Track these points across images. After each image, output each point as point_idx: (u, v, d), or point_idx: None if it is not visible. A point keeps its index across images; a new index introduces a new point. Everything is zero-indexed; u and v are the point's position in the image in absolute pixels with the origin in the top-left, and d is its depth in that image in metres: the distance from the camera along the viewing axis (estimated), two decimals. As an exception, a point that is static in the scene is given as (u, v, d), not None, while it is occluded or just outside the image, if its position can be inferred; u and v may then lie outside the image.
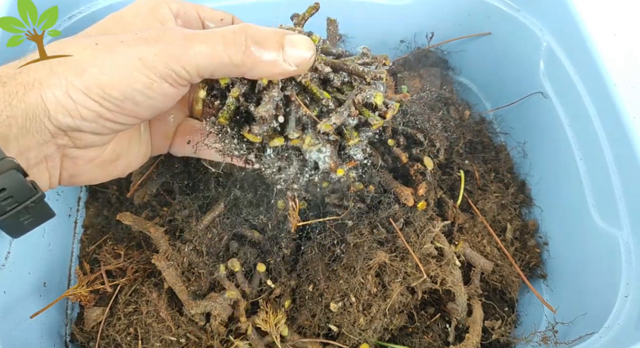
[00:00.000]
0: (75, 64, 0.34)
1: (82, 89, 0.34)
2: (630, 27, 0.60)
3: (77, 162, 0.40)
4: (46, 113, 0.34)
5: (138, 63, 0.34)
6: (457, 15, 0.73)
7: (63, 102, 0.34)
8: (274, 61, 0.36)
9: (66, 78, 0.34)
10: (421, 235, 0.54)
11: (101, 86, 0.34)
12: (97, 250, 0.60)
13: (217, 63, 0.36)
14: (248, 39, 0.36)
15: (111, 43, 0.35)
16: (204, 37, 0.35)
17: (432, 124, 0.59)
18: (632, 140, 0.52)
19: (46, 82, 0.33)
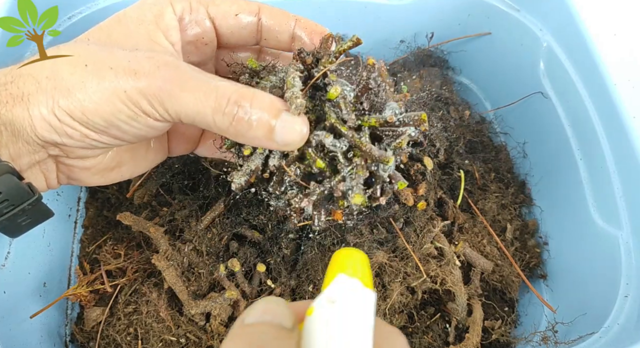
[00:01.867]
0: (63, 84, 0.33)
1: (66, 111, 0.33)
2: (630, 27, 0.60)
3: (73, 169, 0.40)
4: (32, 128, 0.33)
5: (123, 95, 0.33)
6: (457, 15, 0.73)
7: (48, 119, 0.33)
8: (259, 137, 0.35)
9: (53, 97, 0.33)
10: (421, 235, 0.54)
11: (85, 112, 0.34)
12: (97, 250, 0.60)
13: (201, 120, 0.34)
14: (240, 111, 0.34)
15: (101, 68, 0.34)
16: (196, 90, 0.34)
17: (432, 124, 0.59)
18: (632, 140, 0.52)
19: (34, 98, 0.33)
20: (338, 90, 0.37)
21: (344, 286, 0.23)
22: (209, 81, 0.34)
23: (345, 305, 0.22)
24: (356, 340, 0.21)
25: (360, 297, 0.23)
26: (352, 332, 0.21)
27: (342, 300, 0.22)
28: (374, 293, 0.23)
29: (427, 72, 0.75)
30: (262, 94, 0.35)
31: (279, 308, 0.24)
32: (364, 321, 0.22)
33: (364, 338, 0.21)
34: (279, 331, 0.23)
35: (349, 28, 0.73)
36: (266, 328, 0.23)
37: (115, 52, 0.35)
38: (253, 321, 0.24)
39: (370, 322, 0.22)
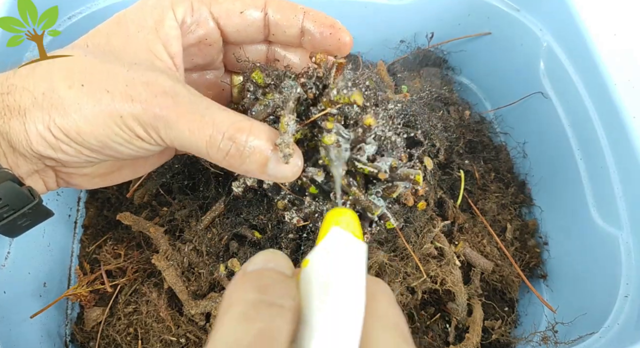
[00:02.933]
0: (59, 102, 0.33)
1: (61, 129, 0.33)
2: (630, 27, 0.60)
3: (72, 175, 0.40)
4: (28, 142, 0.34)
5: (119, 120, 0.33)
6: (457, 15, 0.73)
7: (44, 135, 0.33)
8: (251, 171, 0.35)
9: (49, 114, 0.33)
10: (421, 235, 0.54)
11: (80, 133, 0.33)
12: (97, 250, 0.60)
13: (195, 151, 0.35)
14: (234, 146, 0.34)
15: (98, 89, 0.34)
16: (192, 122, 0.33)
17: (432, 124, 0.59)
18: (632, 140, 0.52)
19: (30, 113, 0.33)
20: (332, 139, 0.38)
21: (337, 238, 0.24)
22: (205, 114, 0.34)
23: (339, 255, 0.24)
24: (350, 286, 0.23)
25: (353, 247, 0.24)
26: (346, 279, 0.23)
27: (336, 250, 0.24)
28: (365, 244, 0.25)
29: (427, 72, 0.75)
30: (259, 128, 0.35)
31: (279, 257, 0.25)
32: (357, 269, 0.23)
33: (357, 285, 0.23)
34: (282, 277, 0.24)
35: (349, 28, 0.72)
36: (270, 272, 0.24)
37: (113, 69, 0.35)
38: (256, 269, 0.25)
39: (362, 270, 0.23)
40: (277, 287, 0.23)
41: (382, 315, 0.23)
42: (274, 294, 0.23)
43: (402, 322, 0.24)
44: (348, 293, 0.22)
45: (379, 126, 0.41)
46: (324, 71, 0.40)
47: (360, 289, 0.23)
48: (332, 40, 0.41)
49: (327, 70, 0.40)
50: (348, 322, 0.22)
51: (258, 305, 0.22)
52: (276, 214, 0.54)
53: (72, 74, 0.34)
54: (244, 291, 0.23)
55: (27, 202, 0.35)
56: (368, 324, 0.22)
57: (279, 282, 0.24)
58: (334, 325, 0.21)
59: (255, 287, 0.23)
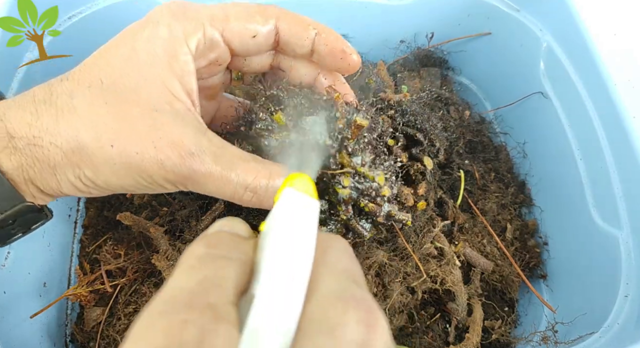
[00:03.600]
0: (89, 160, 0.35)
1: (92, 180, 0.36)
2: (630, 27, 0.60)
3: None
4: (58, 188, 0.36)
5: (149, 178, 0.36)
6: (457, 15, 0.73)
7: (75, 184, 0.36)
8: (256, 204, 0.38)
9: (79, 167, 0.35)
10: (421, 235, 0.54)
11: (109, 184, 0.36)
12: (97, 250, 0.60)
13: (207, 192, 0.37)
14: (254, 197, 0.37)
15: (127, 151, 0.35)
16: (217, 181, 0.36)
17: (432, 124, 0.59)
18: (632, 140, 0.52)
19: (60, 167, 0.35)
20: (347, 192, 0.41)
21: (289, 197, 0.26)
22: (229, 170, 0.36)
23: (291, 211, 0.25)
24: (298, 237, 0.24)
25: (303, 204, 0.26)
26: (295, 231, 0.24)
27: (287, 207, 0.25)
28: (317, 202, 0.26)
29: (427, 72, 0.75)
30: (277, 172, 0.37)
31: (235, 222, 0.28)
32: (306, 223, 0.25)
33: (306, 236, 0.24)
34: (235, 237, 0.26)
35: (349, 28, 0.73)
36: (223, 234, 0.26)
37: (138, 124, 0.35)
38: (212, 231, 0.27)
39: (313, 223, 0.25)
40: (226, 243, 0.25)
41: (332, 263, 0.25)
42: (222, 249, 0.24)
43: (354, 268, 0.25)
44: (295, 243, 0.24)
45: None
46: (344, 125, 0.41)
47: (309, 240, 0.24)
48: (342, 64, 0.42)
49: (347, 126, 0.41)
50: (294, 269, 0.23)
51: (204, 257, 0.23)
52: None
53: (99, 130, 0.35)
54: (194, 248, 0.24)
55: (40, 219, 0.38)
56: (317, 271, 0.24)
57: (229, 240, 0.25)
58: (280, 271, 0.23)
59: (205, 243, 0.24)
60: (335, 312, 0.21)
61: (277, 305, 0.22)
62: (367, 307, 0.22)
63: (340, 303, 0.22)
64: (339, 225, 0.45)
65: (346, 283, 0.23)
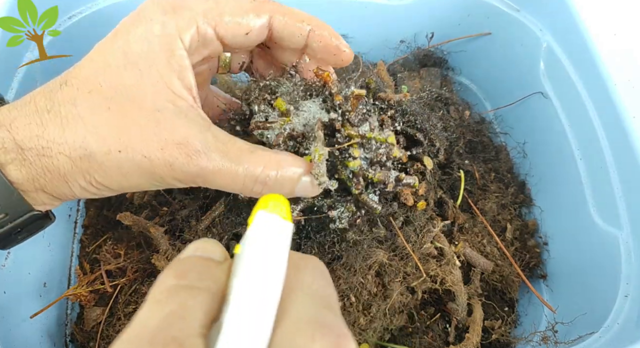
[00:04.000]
0: (99, 166, 0.35)
1: (104, 184, 0.36)
2: (630, 27, 0.60)
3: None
4: (71, 193, 0.37)
5: (159, 180, 0.36)
6: (457, 15, 0.73)
7: (87, 188, 0.36)
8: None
9: (89, 173, 0.35)
10: (421, 235, 0.54)
11: (121, 187, 0.37)
12: (97, 250, 0.60)
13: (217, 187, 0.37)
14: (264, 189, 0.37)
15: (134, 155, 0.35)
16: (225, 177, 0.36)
17: (432, 124, 0.59)
18: (632, 140, 0.52)
19: (70, 175, 0.35)
20: (357, 164, 0.40)
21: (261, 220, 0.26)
22: (238, 164, 0.36)
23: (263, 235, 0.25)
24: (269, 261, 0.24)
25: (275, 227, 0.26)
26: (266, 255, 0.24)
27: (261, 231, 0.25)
28: (290, 224, 0.26)
29: (427, 72, 0.75)
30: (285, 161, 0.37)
31: (210, 245, 0.27)
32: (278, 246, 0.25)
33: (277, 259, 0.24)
34: (207, 262, 0.26)
35: (349, 28, 0.73)
36: (195, 259, 0.26)
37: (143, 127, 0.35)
38: (184, 256, 0.26)
39: (284, 246, 0.25)
40: (196, 271, 0.25)
41: (305, 286, 0.24)
42: (190, 278, 0.24)
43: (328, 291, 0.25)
44: (266, 267, 0.24)
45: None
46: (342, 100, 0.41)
47: (279, 264, 0.24)
48: (335, 59, 0.43)
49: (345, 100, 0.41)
50: (263, 294, 0.23)
51: (171, 290, 0.23)
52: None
53: (106, 139, 0.35)
54: (163, 279, 0.24)
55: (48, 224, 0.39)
56: (288, 294, 0.23)
57: (200, 266, 0.25)
58: (247, 298, 0.22)
59: (173, 274, 0.24)
60: (304, 340, 0.21)
61: (244, 333, 0.21)
62: (337, 333, 0.22)
63: (309, 330, 0.21)
64: (348, 204, 0.45)
65: (318, 308, 0.23)
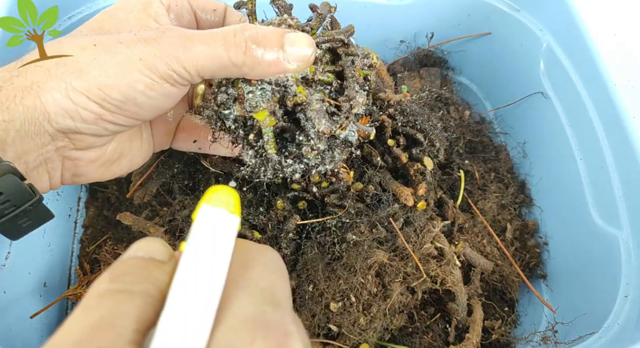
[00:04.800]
0: (74, 65, 0.34)
1: (82, 91, 0.34)
2: (630, 27, 0.60)
3: (78, 163, 0.40)
4: (46, 116, 0.33)
5: (139, 64, 0.34)
6: (457, 15, 0.73)
7: (63, 104, 0.33)
8: (275, 60, 0.36)
9: (65, 80, 0.33)
10: (421, 235, 0.54)
11: (102, 88, 0.34)
12: (97, 250, 0.60)
13: (218, 64, 0.35)
14: (248, 39, 0.35)
15: (110, 44, 0.35)
16: (204, 38, 0.35)
17: (432, 124, 0.59)
18: (632, 140, 0.52)
19: (45, 85, 0.33)
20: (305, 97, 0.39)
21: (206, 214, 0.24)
22: (213, 31, 0.36)
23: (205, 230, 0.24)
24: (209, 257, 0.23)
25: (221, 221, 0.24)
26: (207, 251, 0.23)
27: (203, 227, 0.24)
28: (236, 217, 0.25)
29: (427, 72, 0.75)
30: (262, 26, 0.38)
31: (152, 244, 0.25)
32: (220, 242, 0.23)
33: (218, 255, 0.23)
34: (147, 263, 0.24)
35: (349, 28, 0.73)
36: (133, 261, 0.24)
37: (116, 33, 0.37)
38: (126, 257, 0.25)
39: (227, 241, 0.24)
40: (132, 274, 0.23)
41: (251, 282, 0.23)
42: (125, 281, 0.22)
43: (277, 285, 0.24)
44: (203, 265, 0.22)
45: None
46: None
47: (220, 260, 0.23)
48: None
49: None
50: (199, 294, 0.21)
51: (103, 294, 0.22)
52: (276, 214, 0.54)
53: (81, 41, 0.35)
54: (97, 283, 0.23)
55: (29, 198, 0.35)
56: (231, 292, 0.22)
57: (138, 268, 0.24)
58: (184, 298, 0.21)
59: (108, 277, 0.23)
60: (242, 342, 0.20)
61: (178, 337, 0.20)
62: (281, 332, 0.20)
63: (249, 330, 0.20)
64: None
65: (262, 306, 0.22)
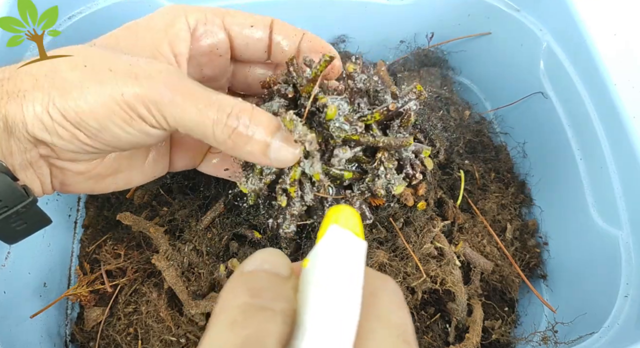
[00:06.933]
0: (61, 82, 0.33)
1: (60, 110, 0.33)
2: (630, 27, 0.60)
3: (66, 172, 0.39)
4: (24, 125, 0.33)
5: (119, 98, 0.33)
6: (457, 15, 0.73)
7: (41, 117, 0.33)
8: (255, 153, 0.35)
9: (49, 94, 0.33)
10: (421, 235, 0.54)
11: (79, 112, 0.33)
12: (97, 250, 0.60)
13: (200, 131, 0.34)
14: (240, 125, 0.34)
15: (100, 69, 0.33)
16: (197, 101, 0.33)
17: (432, 124, 0.59)
18: (632, 140, 0.52)
19: (30, 95, 0.33)
20: (333, 110, 0.38)
21: (335, 236, 0.24)
22: (210, 93, 0.34)
23: (336, 253, 0.23)
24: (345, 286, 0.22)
25: (350, 246, 0.24)
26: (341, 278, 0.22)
27: (334, 249, 0.23)
28: (364, 243, 0.24)
29: (427, 72, 0.75)
30: (261, 110, 0.35)
31: (276, 257, 0.25)
32: (353, 268, 0.23)
33: (353, 284, 0.22)
34: (277, 278, 0.24)
35: (349, 28, 0.73)
36: (264, 274, 0.24)
37: (118, 55, 0.35)
38: (251, 269, 0.24)
39: (360, 268, 0.23)
40: (270, 290, 0.23)
41: (383, 315, 0.23)
42: (265, 297, 0.22)
43: (406, 323, 0.23)
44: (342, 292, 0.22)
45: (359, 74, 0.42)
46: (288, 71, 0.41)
47: (356, 288, 0.22)
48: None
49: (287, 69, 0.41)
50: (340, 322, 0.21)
51: (247, 310, 0.21)
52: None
53: (76, 58, 0.34)
54: (234, 295, 0.22)
55: (22, 199, 0.34)
56: (366, 324, 0.22)
57: (272, 283, 0.23)
58: (325, 325, 0.21)
59: (246, 291, 0.22)
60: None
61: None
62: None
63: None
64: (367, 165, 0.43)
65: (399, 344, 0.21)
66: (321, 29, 0.51)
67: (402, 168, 0.44)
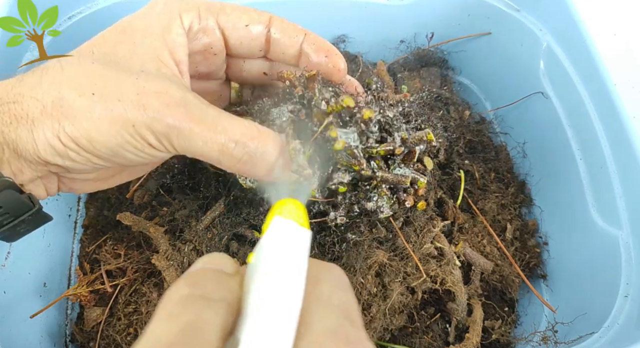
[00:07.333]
0: (70, 111, 0.33)
1: (72, 137, 0.33)
2: (630, 27, 0.60)
3: (75, 180, 0.40)
4: (35, 150, 0.33)
5: (131, 129, 0.33)
6: (457, 15, 0.73)
7: (53, 143, 0.33)
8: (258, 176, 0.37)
9: (59, 122, 0.33)
10: (421, 235, 0.54)
11: (91, 141, 0.33)
12: (97, 250, 0.60)
13: (207, 158, 0.35)
14: (246, 155, 0.35)
15: (109, 99, 0.33)
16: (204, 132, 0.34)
17: (432, 124, 0.59)
18: (632, 140, 0.52)
19: (38, 122, 0.33)
20: (341, 144, 0.39)
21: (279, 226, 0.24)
22: (217, 124, 0.35)
23: (280, 242, 0.24)
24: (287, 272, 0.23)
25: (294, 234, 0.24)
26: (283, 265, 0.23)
27: (277, 238, 0.24)
28: (308, 232, 0.25)
29: (427, 72, 0.75)
30: (267, 135, 0.36)
31: (220, 258, 0.26)
32: (297, 255, 0.23)
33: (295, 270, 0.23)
34: (220, 273, 0.25)
35: (349, 28, 0.73)
36: (208, 272, 0.25)
37: (123, 78, 0.35)
38: (195, 269, 0.25)
39: (304, 256, 0.24)
40: (212, 281, 0.23)
41: (325, 297, 0.24)
42: (206, 288, 0.23)
43: (349, 302, 0.24)
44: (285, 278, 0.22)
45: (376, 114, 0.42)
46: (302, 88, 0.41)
47: (299, 275, 0.23)
48: (326, 66, 0.43)
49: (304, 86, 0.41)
50: (283, 307, 0.22)
51: (185, 300, 0.22)
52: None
53: (82, 82, 0.34)
54: (176, 289, 0.23)
55: (27, 209, 0.35)
56: (308, 306, 0.22)
57: (215, 277, 0.24)
58: (268, 310, 0.21)
59: (187, 285, 0.23)
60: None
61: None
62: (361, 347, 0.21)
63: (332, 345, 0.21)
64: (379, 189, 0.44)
65: (340, 321, 0.22)
66: (321, 29, 0.51)
67: (395, 192, 0.45)
